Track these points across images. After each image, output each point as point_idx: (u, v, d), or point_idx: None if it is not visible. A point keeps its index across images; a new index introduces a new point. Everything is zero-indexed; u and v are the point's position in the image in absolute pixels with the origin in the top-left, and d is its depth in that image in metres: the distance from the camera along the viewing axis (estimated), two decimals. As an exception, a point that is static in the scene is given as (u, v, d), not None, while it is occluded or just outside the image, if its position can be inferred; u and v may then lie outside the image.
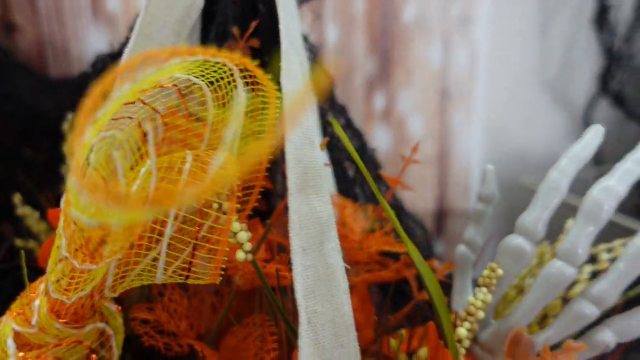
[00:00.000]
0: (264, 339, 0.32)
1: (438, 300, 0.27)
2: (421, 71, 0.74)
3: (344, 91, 0.73)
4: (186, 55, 0.18)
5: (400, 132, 0.76)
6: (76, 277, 0.24)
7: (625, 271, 0.26)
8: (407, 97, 0.75)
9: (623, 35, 0.69)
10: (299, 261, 0.25)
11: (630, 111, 0.72)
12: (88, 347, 0.28)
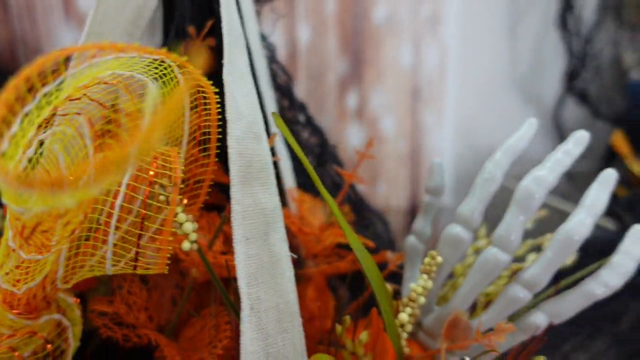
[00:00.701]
0: (218, 328, 0.33)
1: (378, 286, 0.28)
2: (392, 71, 0.75)
3: (317, 91, 0.75)
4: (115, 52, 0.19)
5: (373, 131, 0.77)
6: (24, 267, 0.25)
7: (554, 257, 0.28)
8: (379, 97, 0.76)
9: (586, 36, 0.71)
10: (242, 250, 0.26)
11: (595, 109, 0.74)
12: (43, 338, 0.29)
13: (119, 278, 0.36)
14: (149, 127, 0.16)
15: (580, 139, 0.30)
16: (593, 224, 0.28)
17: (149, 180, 0.25)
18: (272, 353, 0.26)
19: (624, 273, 0.28)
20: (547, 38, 0.81)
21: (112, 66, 0.22)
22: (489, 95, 0.82)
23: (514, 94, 0.84)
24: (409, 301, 0.29)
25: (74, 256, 0.27)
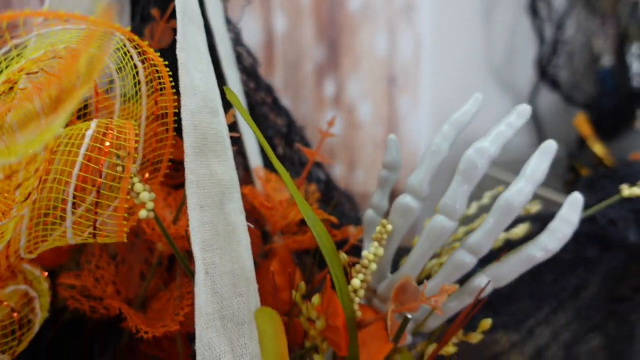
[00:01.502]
0: (182, 298, 0.34)
1: (329, 252, 0.30)
2: (368, 59, 0.76)
3: (294, 79, 0.76)
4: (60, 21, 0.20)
5: (350, 118, 0.78)
6: (-16, 234, 0.26)
7: (495, 223, 0.29)
8: (356, 84, 0.77)
9: (557, 22, 0.73)
10: (196, 217, 0.27)
11: (566, 95, 0.76)
12: (9, 307, 0.30)
13: (87, 254, 0.37)
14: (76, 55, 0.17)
15: (523, 112, 0.31)
16: (532, 191, 0.29)
17: (104, 150, 0.26)
18: (227, 315, 0.28)
19: (562, 238, 0.29)
20: (520, 25, 0.82)
21: (65, 39, 0.23)
22: (464, 82, 0.83)
23: (489, 81, 0.85)
24: (362, 267, 0.31)
25: (34, 225, 0.28)
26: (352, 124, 0.78)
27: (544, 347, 0.53)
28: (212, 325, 0.27)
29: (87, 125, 0.27)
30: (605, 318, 0.51)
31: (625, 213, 0.45)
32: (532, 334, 0.53)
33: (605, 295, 0.50)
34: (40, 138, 0.17)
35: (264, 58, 0.71)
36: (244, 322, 0.28)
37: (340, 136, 0.78)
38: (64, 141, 0.27)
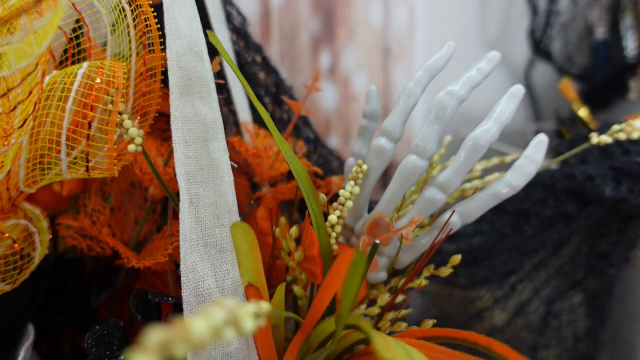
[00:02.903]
0: (172, 235, 0.36)
1: (307, 188, 0.32)
2: (363, 30, 0.78)
3: (290, 51, 0.77)
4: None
5: (345, 89, 0.80)
6: (-14, 162, 0.28)
7: (464, 161, 0.31)
8: (351, 55, 0.79)
9: (550, -7, 0.74)
10: (181, 150, 0.29)
11: (559, 66, 0.76)
12: (10, 238, 0.33)
13: (84, 198, 0.40)
14: None
15: (492, 58, 0.33)
16: (499, 131, 0.31)
17: (95, 86, 0.28)
18: (210, 243, 0.30)
19: (526, 175, 0.31)
20: (516, -2, 0.83)
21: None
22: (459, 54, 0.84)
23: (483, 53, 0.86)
24: (338, 205, 0.33)
25: (32, 158, 0.30)
26: (348, 95, 0.80)
27: (525, 302, 0.55)
28: (196, 251, 0.29)
29: (80, 65, 0.30)
30: (586, 274, 0.53)
31: (603, 170, 0.46)
32: (514, 290, 0.55)
33: (586, 251, 0.52)
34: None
35: (260, 30, 0.72)
36: (226, 250, 0.30)
37: (335, 107, 0.80)
38: (58, 79, 0.29)
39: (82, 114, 0.28)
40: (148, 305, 0.31)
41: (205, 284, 0.29)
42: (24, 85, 0.25)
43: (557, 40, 0.78)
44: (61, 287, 0.39)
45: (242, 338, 0.29)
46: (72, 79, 0.29)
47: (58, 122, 0.29)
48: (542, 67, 0.87)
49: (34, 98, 0.26)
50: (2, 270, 0.32)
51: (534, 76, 0.87)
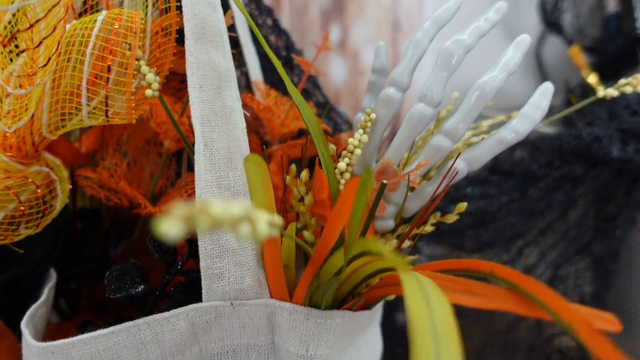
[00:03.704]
0: (187, 184, 0.38)
1: (317, 135, 0.33)
2: (373, 4, 0.78)
3: (300, 25, 0.78)
4: None
5: (354, 63, 0.80)
6: (11, 102, 0.30)
7: (470, 108, 0.32)
8: (361, 29, 0.79)
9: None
10: (196, 95, 0.30)
11: (570, 39, 0.76)
12: (34, 183, 0.34)
13: (102, 152, 0.41)
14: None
15: (500, 8, 0.33)
16: (505, 79, 0.32)
17: (114, 31, 0.29)
18: (224, 185, 0.31)
19: (532, 121, 0.32)
20: (527, -28, 0.82)
21: None
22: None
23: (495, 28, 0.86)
24: (347, 153, 0.34)
25: (54, 103, 0.31)
26: (357, 69, 0.81)
27: (532, 267, 0.55)
28: (210, 191, 0.30)
29: (99, 13, 0.31)
30: (592, 238, 0.53)
31: (611, 131, 0.47)
32: (521, 255, 0.55)
33: (593, 214, 0.52)
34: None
35: (271, 3, 0.73)
36: (240, 193, 0.31)
37: (345, 81, 0.80)
38: (78, 27, 0.30)
39: (101, 58, 0.29)
40: (165, 245, 0.32)
41: (220, 223, 0.30)
42: (48, 20, 0.26)
43: (568, 13, 0.78)
44: (80, 239, 0.41)
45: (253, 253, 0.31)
46: (91, 25, 0.30)
47: (79, 66, 0.30)
48: (552, 42, 0.87)
49: (57, 36, 0.27)
50: (26, 214, 0.34)
51: (544, 51, 0.87)
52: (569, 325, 0.18)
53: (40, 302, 0.32)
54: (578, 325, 0.18)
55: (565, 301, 0.19)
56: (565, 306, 0.19)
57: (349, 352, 0.36)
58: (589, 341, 0.17)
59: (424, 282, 0.22)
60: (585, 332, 0.17)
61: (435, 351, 0.19)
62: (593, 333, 0.17)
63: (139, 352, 0.29)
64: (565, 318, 0.19)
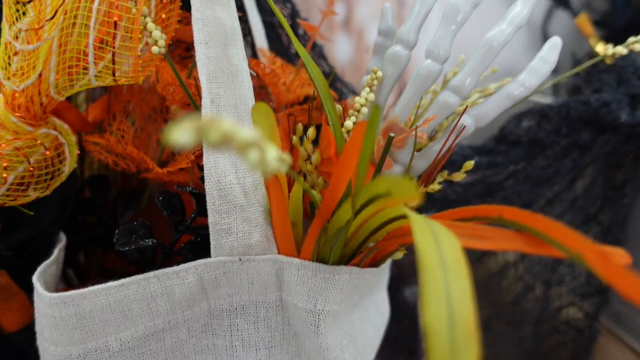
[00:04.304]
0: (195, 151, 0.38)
1: (324, 93, 0.33)
2: (378, -20, 0.77)
3: (305, 2, 0.77)
4: None
5: (359, 41, 0.80)
6: (19, 60, 0.30)
7: (477, 63, 0.32)
8: (365, 7, 0.79)
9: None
10: (202, 51, 0.30)
11: (577, 13, 0.75)
12: (42, 145, 0.34)
13: (109, 118, 0.41)
14: None
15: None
16: (512, 33, 0.31)
17: (119, -13, 0.29)
18: (231, 142, 0.31)
19: (540, 75, 0.31)
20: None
21: None
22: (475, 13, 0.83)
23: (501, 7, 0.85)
24: (354, 111, 0.34)
25: (62, 62, 0.31)
26: (362, 47, 0.80)
27: (539, 237, 0.55)
28: (218, 147, 0.30)
29: (104, -30, 0.31)
30: (601, 207, 0.53)
31: (619, 96, 0.46)
32: (528, 225, 0.55)
33: (601, 183, 0.52)
34: None
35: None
36: (247, 150, 0.31)
37: (349, 59, 0.80)
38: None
39: (108, 14, 0.29)
40: (173, 203, 0.33)
41: (227, 179, 0.30)
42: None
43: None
44: (89, 206, 0.41)
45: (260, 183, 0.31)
46: (97, -18, 0.30)
47: (86, 23, 0.30)
48: (560, 18, 0.86)
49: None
50: (36, 175, 0.34)
51: (551, 28, 0.86)
52: (579, 256, 0.18)
53: (51, 260, 0.32)
54: (588, 255, 0.18)
55: (575, 233, 0.19)
56: (574, 238, 0.19)
57: (357, 312, 0.36)
58: (600, 268, 0.17)
59: (432, 223, 0.22)
60: (595, 260, 0.17)
61: (445, 282, 0.19)
62: (603, 260, 0.17)
63: (149, 305, 0.29)
64: (575, 249, 0.19)
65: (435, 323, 0.18)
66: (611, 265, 0.16)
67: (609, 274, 0.17)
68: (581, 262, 0.18)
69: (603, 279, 0.17)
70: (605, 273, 0.17)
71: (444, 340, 0.17)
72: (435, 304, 0.18)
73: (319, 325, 0.31)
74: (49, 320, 0.28)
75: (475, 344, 0.17)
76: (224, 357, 0.33)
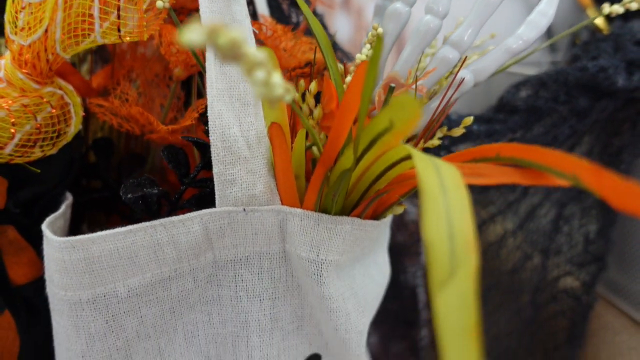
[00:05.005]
0: (197, 106, 0.38)
1: (326, 47, 0.33)
2: (377, -42, 0.78)
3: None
4: None
5: (359, 20, 0.80)
6: (26, 14, 0.30)
7: (475, 17, 0.32)
8: (365, -15, 0.79)
9: None
10: (206, 5, 0.31)
11: (575, -10, 0.76)
12: (49, 103, 0.35)
13: (113, 83, 0.42)
14: None
15: None
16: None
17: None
18: (235, 95, 0.32)
19: (538, 28, 0.32)
20: None
21: None
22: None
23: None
24: (356, 67, 0.34)
25: (67, 17, 0.32)
26: (362, 26, 0.81)
27: (537, 206, 0.56)
28: (222, 100, 0.31)
29: None
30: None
31: (616, 62, 0.47)
32: (526, 194, 0.56)
33: (599, 150, 0.53)
34: None
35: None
36: (250, 104, 0.32)
37: (349, 38, 0.80)
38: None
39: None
40: (178, 157, 0.33)
41: (231, 131, 0.31)
42: None
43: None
44: (94, 170, 0.42)
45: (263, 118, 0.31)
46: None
47: None
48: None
49: None
50: (43, 132, 0.35)
51: (549, 7, 0.86)
52: (575, 177, 0.19)
53: (59, 212, 0.33)
54: (583, 174, 0.18)
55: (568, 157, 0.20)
56: (568, 161, 0.20)
57: (358, 267, 0.36)
58: (595, 185, 0.18)
59: (434, 158, 0.23)
60: (590, 177, 0.18)
61: (444, 201, 0.19)
62: (597, 175, 0.18)
63: (156, 253, 0.30)
64: (570, 172, 0.19)
65: (436, 237, 0.18)
66: (605, 178, 0.17)
67: (605, 188, 0.17)
68: (577, 183, 0.19)
69: (600, 195, 0.18)
70: (600, 188, 0.17)
71: (444, 252, 0.18)
72: (436, 220, 0.19)
73: (322, 274, 0.32)
74: (58, 265, 0.28)
75: (474, 255, 0.18)
76: (228, 308, 0.33)
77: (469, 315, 0.16)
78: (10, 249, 0.34)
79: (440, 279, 0.18)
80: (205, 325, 0.34)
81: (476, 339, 0.16)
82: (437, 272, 0.18)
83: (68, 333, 0.30)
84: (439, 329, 0.16)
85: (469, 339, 0.16)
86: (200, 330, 0.34)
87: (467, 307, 0.16)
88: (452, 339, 0.16)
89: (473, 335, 0.16)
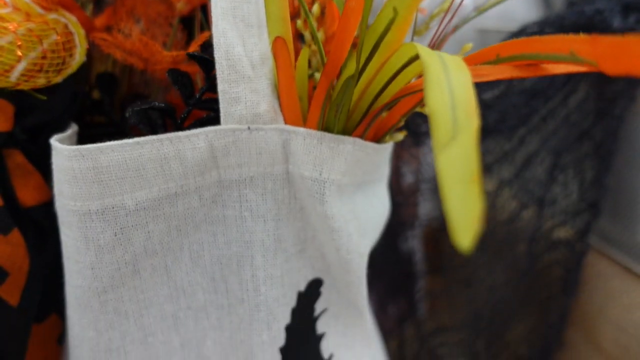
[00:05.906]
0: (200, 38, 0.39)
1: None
2: None
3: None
4: None
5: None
6: None
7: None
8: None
9: None
10: None
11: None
12: (54, 30, 0.35)
13: (116, 20, 0.42)
14: None
15: None
16: None
17: None
18: (239, 15, 0.32)
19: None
20: None
21: None
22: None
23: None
24: (356, -6, 0.35)
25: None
26: None
27: (533, 154, 0.57)
28: (226, 19, 0.31)
29: None
30: (593, 123, 0.55)
31: (612, 5, 0.48)
32: (522, 143, 0.57)
33: (594, 96, 0.54)
34: None
35: None
36: (254, 25, 0.32)
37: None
38: None
39: None
40: (183, 80, 0.34)
41: (235, 50, 0.31)
42: None
43: None
44: (98, 106, 0.42)
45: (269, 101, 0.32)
46: None
47: None
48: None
49: None
50: (49, 57, 0.35)
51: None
52: (572, 54, 0.20)
53: (66, 134, 0.34)
54: (579, 48, 0.19)
55: (562, 37, 0.20)
56: (563, 41, 0.20)
57: (359, 194, 0.37)
58: (592, 54, 0.18)
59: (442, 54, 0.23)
60: (586, 48, 0.19)
61: (446, 76, 0.20)
62: (593, 44, 0.18)
63: (163, 167, 0.31)
64: (567, 50, 0.20)
65: (439, 106, 0.19)
66: (600, 42, 0.18)
67: (601, 54, 0.18)
68: (576, 59, 0.20)
69: (599, 66, 0.19)
70: (597, 55, 0.18)
71: (447, 119, 0.19)
72: (439, 92, 0.19)
73: (324, 193, 0.33)
74: (68, 174, 0.29)
75: (475, 120, 0.19)
76: (233, 228, 0.34)
77: (471, 165, 0.17)
78: (18, 172, 0.34)
79: (443, 142, 0.18)
80: (211, 246, 0.35)
81: (478, 185, 0.17)
82: (440, 137, 0.18)
83: (77, 245, 0.30)
84: (441, 180, 0.17)
85: (471, 186, 0.17)
86: (206, 251, 0.34)
87: (469, 159, 0.17)
88: (453, 186, 0.17)
89: (475, 182, 0.17)
